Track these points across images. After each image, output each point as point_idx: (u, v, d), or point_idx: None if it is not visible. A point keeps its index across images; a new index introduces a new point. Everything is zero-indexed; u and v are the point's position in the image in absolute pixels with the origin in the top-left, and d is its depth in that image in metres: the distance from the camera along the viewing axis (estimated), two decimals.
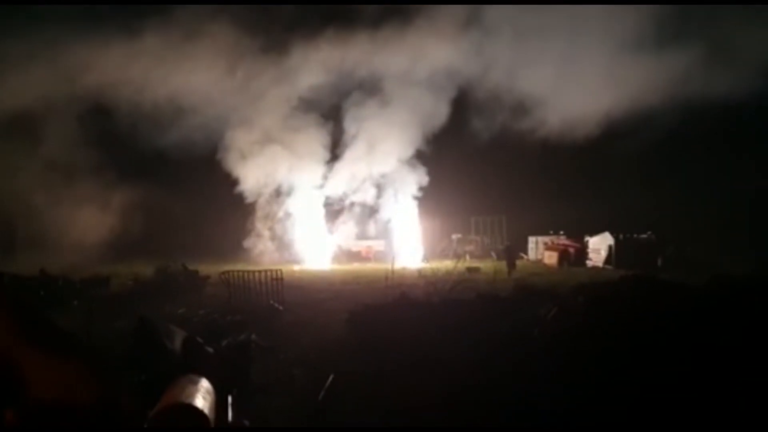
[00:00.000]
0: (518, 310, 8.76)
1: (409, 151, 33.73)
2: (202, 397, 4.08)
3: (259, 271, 16.60)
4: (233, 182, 33.77)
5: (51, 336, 5.75)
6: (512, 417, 5.71)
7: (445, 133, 33.76)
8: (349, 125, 33.79)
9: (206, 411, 3.81)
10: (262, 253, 33.41)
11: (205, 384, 4.64)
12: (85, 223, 29.31)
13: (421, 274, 17.21)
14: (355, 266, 31.48)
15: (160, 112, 30.73)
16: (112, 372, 6.39)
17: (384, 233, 36.01)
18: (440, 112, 32.99)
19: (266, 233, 34.70)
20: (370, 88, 33.08)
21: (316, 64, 32.46)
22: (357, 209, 35.51)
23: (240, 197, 34.36)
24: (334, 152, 34.34)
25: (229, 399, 4.99)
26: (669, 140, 32.45)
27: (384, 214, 35.34)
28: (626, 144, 32.70)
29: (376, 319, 9.94)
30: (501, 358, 6.77)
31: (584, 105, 30.57)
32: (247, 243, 34.32)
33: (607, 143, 32.89)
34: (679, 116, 28.93)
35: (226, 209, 34.52)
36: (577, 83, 30.81)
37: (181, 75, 30.77)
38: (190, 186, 33.98)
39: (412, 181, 34.34)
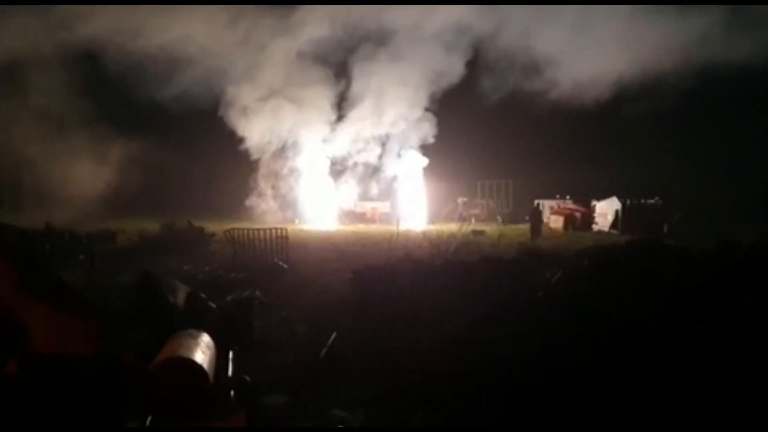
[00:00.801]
0: (522, 272, 8.73)
1: (417, 111, 33.31)
2: (201, 351, 4.07)
3: (264, 230, 16.62)
4: (236, 139, 33.37)
5: (53, 289, 5.72)
6: (511, 373, 5.71)
7: (453, 94, 33.31)
8: (356, 82, 33.21)
9: (205, 365, 3.81)
10: (265, 213, 33.32)
11: (205, 339, 4.64)
12: (82, 177, 29.08)
13: (425, 236, 17.16)
14: (360, 227, 31.46)
15: (159, 64, 29.98)
16: (113, 326, 6.44)
17: (389, 195, 35.88)
18: (449, 71, 32.46)
19: (269, 192, 34.51)
20: (378, 43, 32.33)
21: (322, 17, 31.58)
22: (361, 169, 35.28)
23: (243, 154, 33.96)
24: (340, 111, 33.89)
25: (230, 354, 5.02)
26: (681, 106, 31.89)
27: (389, 173, 35.10)
28: (636, 108, 32.21)
29: (379, 279, 9.94)
30: (503, 319, 6.75)
31: (596, 67, 30.01)
32: (250, 201, 34.17)
33: (617, 107, 32.41)
34: (692, 81, 28.35)
35: (228, 166, 34.07)
36: (590, 44, 30.13)
37: (181, 25, 29.90)
38: (191, 142, 33.58)
39: (417, 140, 34.02)
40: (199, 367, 3.66)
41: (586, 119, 34.06)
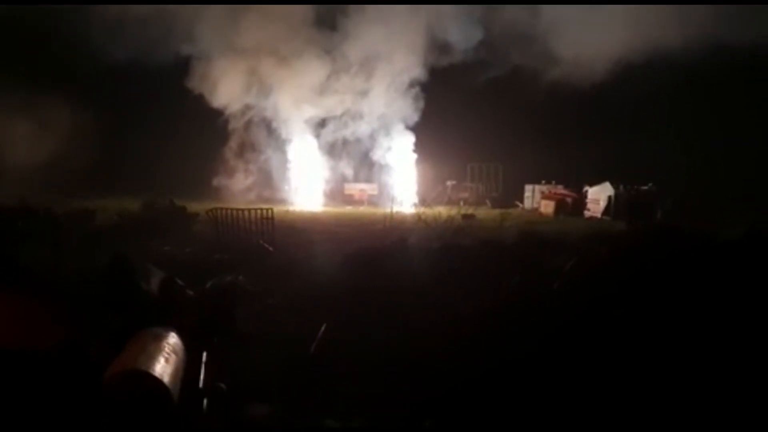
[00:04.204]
0: (529, 259, 8.08)
1: (407, 88, 32.26)
2: (164, 358, 3.36)
3: (249, 210, 15.88)
4: (206, 107, 31.17)
5: (11, 277, 4.87)
6: (530, 372, 5.08)
7: (442, 73, 32.36)
8: (345, 53, 31.81)
9: (167, 377, 3.11)
10: (246, 191, 32.12)
11: (171, 340, 3.92)
12: (47, 148, 27.42)
13: (421, 218, 16.51)
14: (348, 209, 30.77)
15: (113, 17, 27.83)
16: (81, 316, 5.68)
17: (377, 177, 35.10)
18: (441, 46, 31.37)
19: (248, 168, 33.16)
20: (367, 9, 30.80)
21: None
22: (348, 147, 34.29)
23: (216, 125, 32.15)
24: (327, 83, 32.34)
25: (203, 357, 4.31)
26: (677, 88, 31.32)
27: (377, 153, 34.22)
28: (631, 92, 31.57)
29: (373, 264, 9.25)
30: (514, 310, 6.10)
31: (591, 47, 29.21)
32: (225, 180, 32.77)
33: (611, 90, 31.75)
34: (689, 62, 27.71)
35: (208, 140, 32.47)
36: (586, 21, 29.25)
37: None
38: (153, 110, 31.86)
39: (406, 118, 33.04)
40: (159, 382, 2.95)
41: (579, 102, 33.46)
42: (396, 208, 27.78)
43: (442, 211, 23.83)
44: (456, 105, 33.91)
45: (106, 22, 27.56)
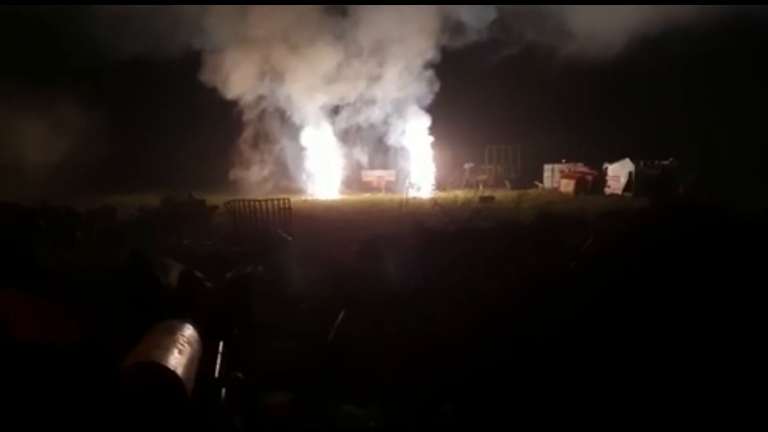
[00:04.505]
0: (546, 240, 7.99)
1: (422, 70, 31.92)
2: (178, 350, 3.38)
3: (266, 201, 15.95)
4: (219, 99, 31.18)
5: (31, 275, 4.95)
6: (552, 356, 5.03)
7: (457, 55, 32.00)
8: (359, 37, 31.54)
9: (180, 368, 3.13)
10: (264, 182, 32.17)
11: (186, 332, 3.95)
12: (68, 149, 27.62)
13: (437, 203, 16.44)
14: (366, 196, 30.78)
15: (123, 12, 27.75)
16: (99, 312, 5.76)
17: (394, 163, 34.98)
18: (454, 26, 31.00)
19: (264, 158, 33.14)
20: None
21: None
22: (365, 133, 34.15)
23: (231, 117, 32.11)
24: (340, 71, 32.13)
25: (220, 347, 4.34)
26: (695, 62, 30.62)
27: (394, 139, 34.02)
28: (650, 66, 30.99)
29: (389, 250, 9.23)
30: (532, 291, 6.04)
31: (606, 21, 28.62)
32: (242, 171, 32.76)
33: (628, 67, 31.18)
34: (709, 35, 27.00)
35: (215, 132, 32.25)
36: None
37: None
38: (168, 105, 31.93)
39: (422, 102, 32.74)
40: (172, 373, 2.97)
41: (596, 79, 32.89)
42: (414, 194, 27.70)
43: (459, 194, 23.71)
44: (471, 86, 33.57)
45: (117, 18, 27.68)
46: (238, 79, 31.14)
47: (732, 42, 28.39)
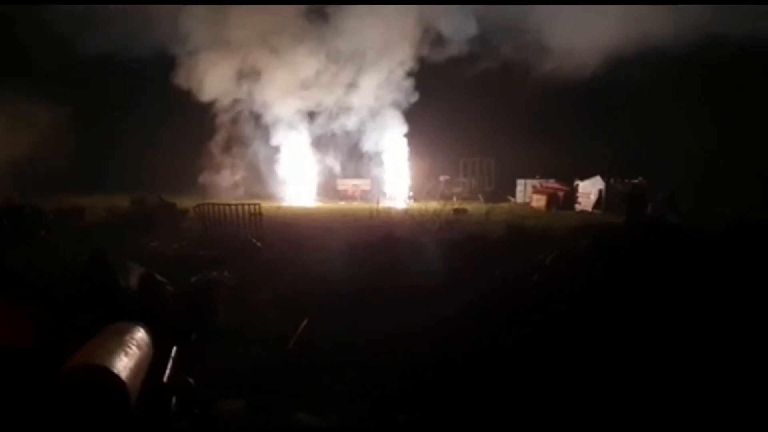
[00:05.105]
0: (512, 253, 8.07)
1: (398, 82, 32.05)
2: (124, 353, 3.31)
3: (236, 205, 15.81)
4: (193, 101, 30.56)
5: None
6: (509, 365, 5.07)
7: (435, 68, 32.23)
8: (336, 46, 31.48)
9: (125, 372, 3.06)
10: (235, 187, 31.80)
11: (137, 335, 3.87)
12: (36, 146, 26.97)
13: (408, 213, 16.50)
14: (341, 205, 30.71)
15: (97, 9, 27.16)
16: (54, 312, 5.63)
17: (368, 171, 34.96)
18: (433, 40, 31.21)
19: (237, 163, 32.78)
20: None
21: None
22: (340, 140, 34.03)
23: (204, 120, 31.55)
24: (316, 76, 31.97)
25: (173, 352, 4.26)
26: (669, 82, 31.35)
27: (369, 147, 34.01)
28: (622, 86, 31.54)
29: (360, 259, 9.22)
30: (496, 303, 6.08)
31: (583, 39, 29.15)
32: (213, 175, 32.38)
33: (603, 84, 31.73)
34: (681, 55, 27.71)
35: (188, 135, 31.85)
36: (578, 14, 29.13)
37: None
38: (140, 105, 31.40)
39: (398, 112, 32.86)
40: (114, 376, 2.90)
41: (571, 96, 33.39)
42: (389, 204, 27.75)
43: (432, 206, 23.83)
44: (448, 98, 33.76)
45: (90, 16, 27.21)
46: (213, 81, 30.79)
47: (706, 59, 29.11)
